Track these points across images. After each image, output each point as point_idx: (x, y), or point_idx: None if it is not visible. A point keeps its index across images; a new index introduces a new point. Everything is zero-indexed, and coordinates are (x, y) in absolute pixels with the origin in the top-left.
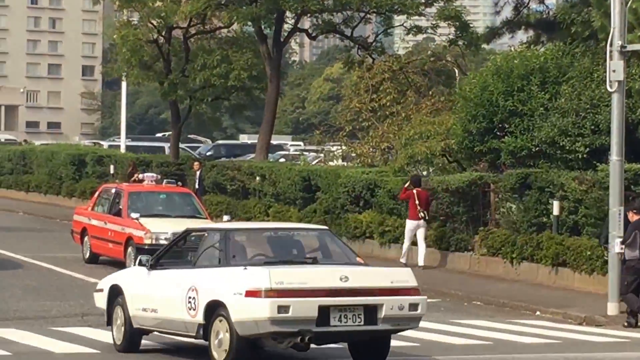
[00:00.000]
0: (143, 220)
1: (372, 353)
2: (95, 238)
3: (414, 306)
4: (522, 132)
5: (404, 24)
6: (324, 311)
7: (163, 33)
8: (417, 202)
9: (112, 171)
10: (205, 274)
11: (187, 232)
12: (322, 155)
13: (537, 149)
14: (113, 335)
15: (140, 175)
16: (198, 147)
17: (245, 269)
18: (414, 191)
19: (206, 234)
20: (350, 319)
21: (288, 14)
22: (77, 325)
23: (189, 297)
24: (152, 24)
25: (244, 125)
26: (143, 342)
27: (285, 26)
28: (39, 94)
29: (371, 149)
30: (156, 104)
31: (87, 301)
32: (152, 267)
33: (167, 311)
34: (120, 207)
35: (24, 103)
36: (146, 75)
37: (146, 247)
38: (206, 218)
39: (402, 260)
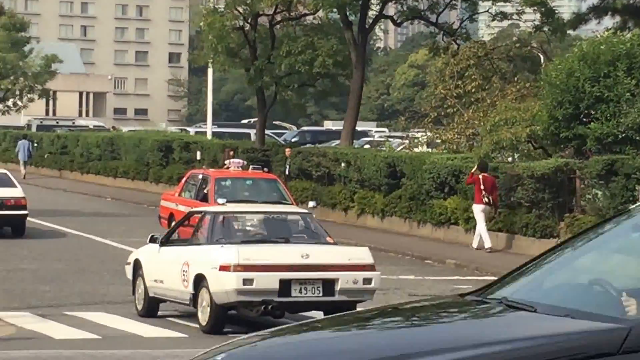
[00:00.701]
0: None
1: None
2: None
3: (367, 280)
4: (608, 119)
5: (490, 10)
6: (286, 284)
7: (249, 20)
8: (482, 187)
9: (198, 157)
10: (195, 251)
11: (190, 213)
12: (407, 141)
13: (623, 135)
14: (135, 302)
15: (227, 162)
16: (283, 133)
17: (222, 247)
18: (480, 176)
19: (201, 215)
20: (309, 290)
21: (373, 0)
22: (164, 310)
23: (183, 271)
24: (238, 11)
25: (328, 112)
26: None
27: (370, 13)
28: (126, 81)
29: (456, 135)
30: (242, 91)
31: None
32: (162, 244)
33: (169, 282)
34: (207, 192)
35: (111, 90)
36: (232, 62)
37: None
38: (292, 204)
39: (487, 245)
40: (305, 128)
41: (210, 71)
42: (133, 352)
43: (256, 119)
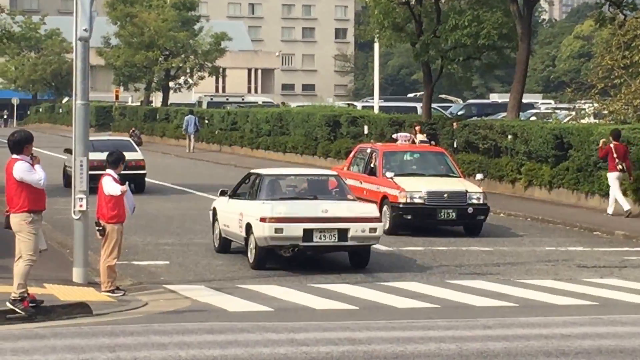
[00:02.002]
0: (398, 180)
1: (358, 260)
2: None
3: (373, 229)
4: None
5: None
6: (308, 232)
7: None
8: (615, 155)
9: (366, 131)
10: (247, 204)
11: (249, 174)
12: (573, 113)
13: None
14: (213, 240)
15: (394, 135)
16: (449, 106)
17: (263, 202)
18: (611, 145)
19: (253, 177)
20: (327, 237)
21: None
22: (335, 282)
23: (239, 219)
24: None
25: (493, 84)
26: None
27: None
28: (294, 57)
29: (623, 106)
30: (407, 65)
31: (345, 259)
32: (230, 197)
33: (232, 227)
34: (375, 166)
35: (279, 66)
36: (398, 36)
37: (401, 205)
38: (460, 176)
39: (625, 207)
40: (471, 101)
41: (376, 46)
42: (306, 324)
43: (422, 92)
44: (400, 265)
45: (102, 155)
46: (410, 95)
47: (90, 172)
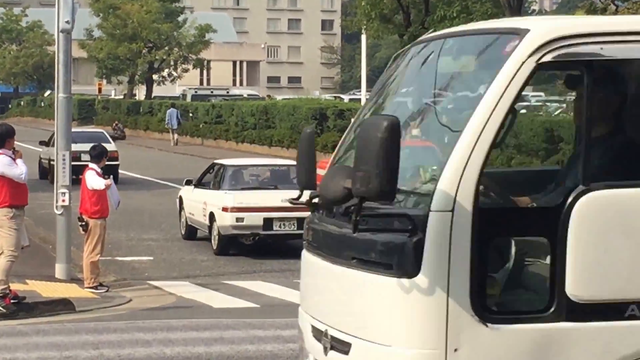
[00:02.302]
0: None
1: None
2: None
3: None
4: None
5: None
6: (268, 221)
7: None
8: None
9: None
10: (211, 194)
11: (213, 164)
12: (564, 105)
13: None
14: (180, 228)
15: None
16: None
17: (225, 192)
18: None
19: (217, 167)
20: (287, 226)
21: None
22: None
23: (203, 208)
24: None
25: None
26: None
27: None
28: (280, 49)
29: None
30: None
31: None
32: (195, 186)
33: (197, 215)
34: None
35: (264, 59)
36: (386, 28)
37: None
38: None
39: None
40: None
41: (363, 38)
42: (292, 320)
43: None
44: None
45: (76, 147)
46: None
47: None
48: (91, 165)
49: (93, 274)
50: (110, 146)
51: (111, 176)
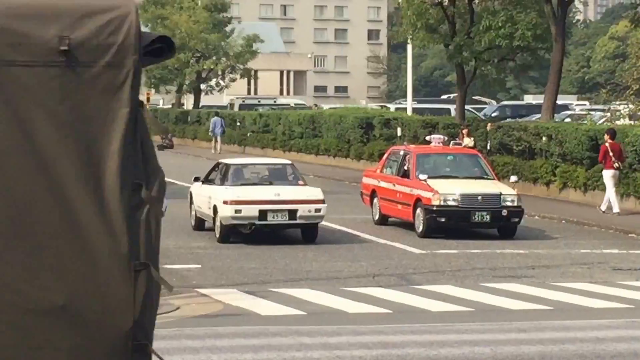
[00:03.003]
0: (431, 182)
1: (308, 235)
2: (384, 200)
3: (318, 210)
4: None
5: None
6: (263, 212)
7: None
8: (611, 153)
9: (399, 133)
10: (215, 189)
11: (218, 163)
12: (608, 114)
13: None
14: (191, 220)
15: (428, 137)
16: (483, 108)
17: (226, 188)
18: (607, 144)
19: (221, 166)
20: (280, 217)
21: None
22: (368, 286)
23: (209, 202)
24: None
25: (527, 86)
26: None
27: None
28: (326, 58)
29: None
30: (441, 66)
31: (378, 262)
32: (202, 182)
33: (203, 208)
34: (409, 168)
35: (311, 68)
36: (431, 37)
37: (435, 208)
38: (494, 179)
39: (615, 209)
40: (505, 102)
41: (409, 47)
42: (339, 327)
43: (456, 94)
44: (434, 268)
45: None
46: (444, 96)
47: None
48: None
49: None
50: None
51: (213, 207)
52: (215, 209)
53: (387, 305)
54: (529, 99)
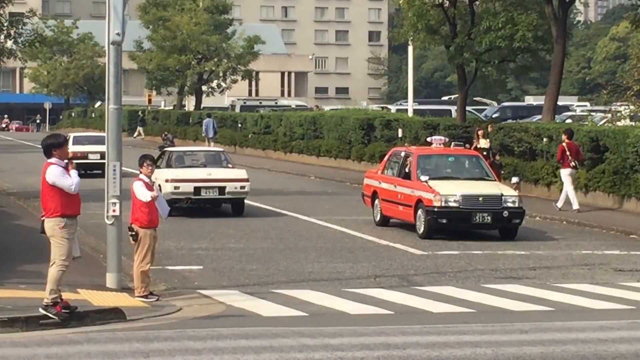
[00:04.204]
0: (432, 183)
1: (236, 209)
2: (385, 201)
3: (242, 187)
4: None
5: None
6: (197, 189)
7: None
8: (568, 152)
9: (400, 135)
10: (160, 171)
11: (163, 152)
12: (609, 115)
13: None
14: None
15: (429, 138)
16: (484, 109)
17: (168, 170)
18: (564, 144)
19: (165, 153)
20: (211, 193)
21: None
22: (370, 287)
23: (157, 182)
24: None
25: (528, 87)
26: None
27: None
28: (327, 60)
29: None
30: (442, 68)
31: (379, 263)
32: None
33: (161, 188)
34: (410, 169)
35: (312, 69)
36: (432, 39)
37: (436, 209)
38: (494, 180)
39: (574, 206)
40: (506, 104)
41: (410, 49)
42: (340, 329)
43: (456, 95)
44: (435, 269)
45: (83, 148)
46: (445, 98)
47: (76, 161)
48: (140, 175)
49: (143, 283)
50: (102, 147)
51: (158, 187)
52: (159, 187)
53: (389, 306)
54: (529, 100)
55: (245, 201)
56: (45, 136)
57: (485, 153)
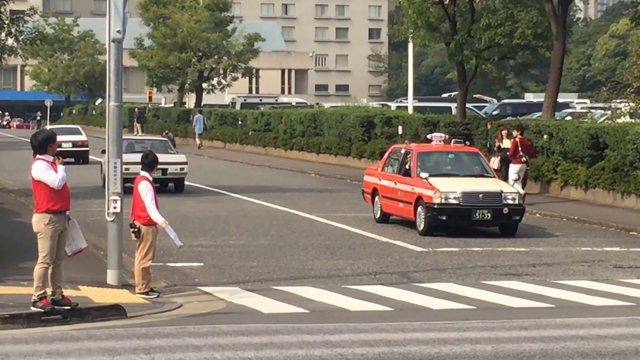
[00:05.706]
0: (432, 180)
1: (178, 187)
2: (385, 198)
3: (182, 169)
4: None
5: None
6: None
7: None
8: (519, 148)
9: (400, 132)
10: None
11: (129, 141)
12: (609, 112)
13: None
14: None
15: (429, 135)
16: (484, 106)
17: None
18: (517, 139)
19: (129, 142)
20: (156, 173)
21: None
22: (370, 284)
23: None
24: None
25: (528, 84)
26: None
27: None
28: (327, 57)
29: None
30: (442, 65)
31: (380, 260)
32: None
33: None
34: (410, 166)
35: (312, 67)
36: (432, 36)
37: (436, 206)
38: (494, 177)
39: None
40: (506, 101)
41: (410, 46)
42: (341, 325)
43: (456, 92)
44: (435, 266)
45: (58, 138)
46: (445, 95)
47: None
48: (142, 173)
49: (144, 280)
50: (81, 137)
51: (167, 223)
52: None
53: (389, 303)
54: (529, 97)
55: (245, 198)
56: (34, 134)
57: (508, 153)
